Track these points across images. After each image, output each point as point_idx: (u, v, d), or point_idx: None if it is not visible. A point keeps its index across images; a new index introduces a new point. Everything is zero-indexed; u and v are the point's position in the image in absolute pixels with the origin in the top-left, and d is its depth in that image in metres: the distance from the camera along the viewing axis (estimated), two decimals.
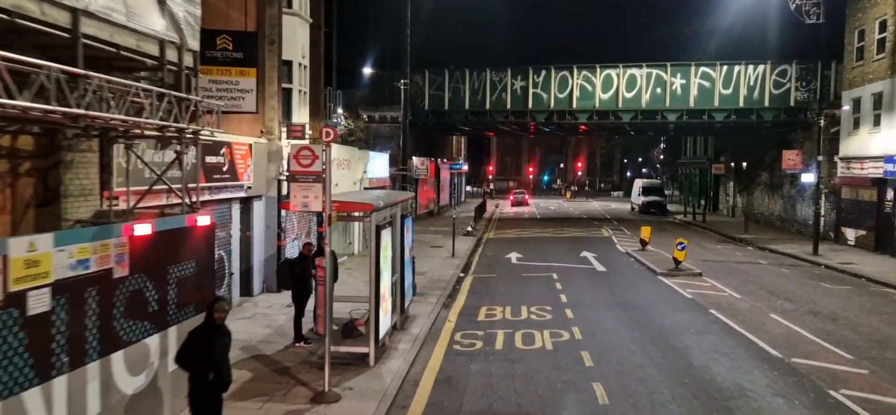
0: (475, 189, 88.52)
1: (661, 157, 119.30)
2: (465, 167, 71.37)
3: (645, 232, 29.06)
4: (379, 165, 30.99)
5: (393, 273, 14.25)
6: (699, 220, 47.50)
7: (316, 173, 10.78)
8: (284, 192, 18.90)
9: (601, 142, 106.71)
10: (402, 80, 17.90)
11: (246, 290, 17.74)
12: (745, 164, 48.76)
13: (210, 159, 14.60)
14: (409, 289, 16.25)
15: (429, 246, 30.78)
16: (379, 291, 12.34)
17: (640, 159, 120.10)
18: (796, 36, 37.30)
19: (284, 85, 19.84)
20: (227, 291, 16.29)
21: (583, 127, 49.39)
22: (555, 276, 23.04)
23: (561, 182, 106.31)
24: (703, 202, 59.20)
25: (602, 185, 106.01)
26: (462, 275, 23.48)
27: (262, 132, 18.35)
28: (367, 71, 42.30)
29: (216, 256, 15.55)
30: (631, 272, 24.02)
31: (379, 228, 12.28)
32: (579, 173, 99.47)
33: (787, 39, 37.80)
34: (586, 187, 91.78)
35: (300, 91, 20.68)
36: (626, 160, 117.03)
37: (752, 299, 19.03)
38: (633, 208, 60.68)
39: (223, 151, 15.23)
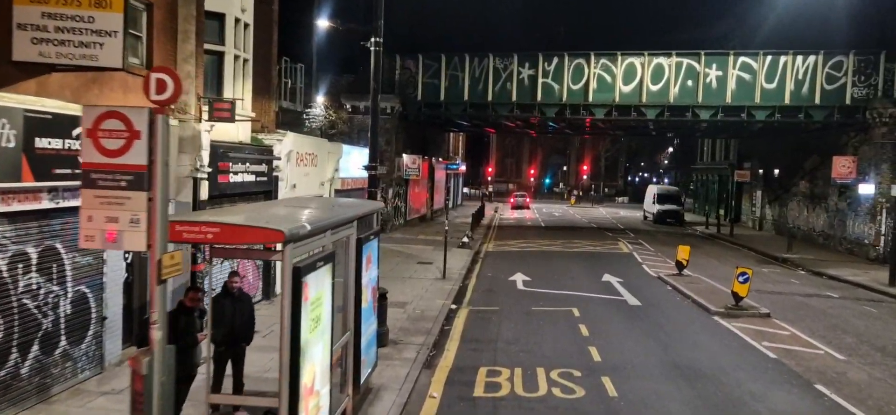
0: (473, 191, 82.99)
1: (666, 161, 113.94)
2: (463, 167, 65.81)
3: (683, 252, 23.55)
4: (357, 162, 25.53)
5: (340, 335, 8.79)
6: (725, 233, 41.98)
7: (133, 169, 5.21)
8: (204, 194, 13.39)
9: (606, 143, 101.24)
10: (373, 40, 12.35)
11: (139, 338, 12.17)
12: (776, 171, 43.27)
13: (45, 144, 9.07)
14: (371, 348, 10.72)
15: (415, 262, 25.29)
16: (297, 383, 6.84)
17: (642, 164, 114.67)
18: (854, 22, 31.88)
19: (211, 46, 14.32)
20: (95, 344, 10.73)
21: (590, 124, 43.94)
22: (576, 312, 17.53)
23: (564, 186, 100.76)
24: (721, 212, 53.71)
25: (606, 189, 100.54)
26: (454, 307, 17.97)
27: (170, 109, 12.82)
28: (345, 45, 36.65)
29: (72, 294, 10.02)
30: (674, 309, 18.49)
31: (300, 272, 6.76)
32: (585, 177, 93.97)
33: (844, 26, 32.27)
34: (592, 192, 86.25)
35: (238, 58, 15.14)
36: (628, 164, 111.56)
37: (864, 363, 13.52)
38: (645, 217, 55.17)
39: (78, 132, 9.68)
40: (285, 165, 17.70)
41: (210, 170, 13.38)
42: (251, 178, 15.60)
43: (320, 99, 36.07)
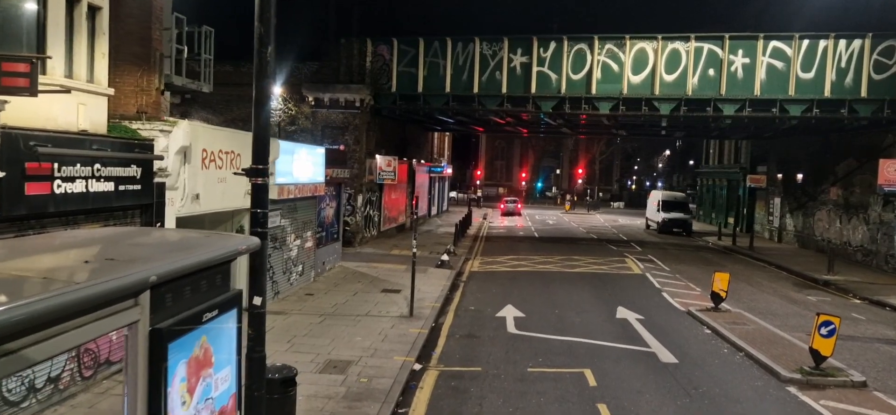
0: (461, 196, 77.81)
1: (661, 165, 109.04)
2: (449, 170, 60.58)
3: (720, 281, 18.32)
4: (306, 163, 20.24)
5: None
6: (741, 245, 36.93)
7: None
8: None
9: (601, 145, 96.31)
10: None
11: None
12: (799, 175, 38.28)
13: None
14: None
15: (380, 289, 20.05)
16: None
17: (636, 167, 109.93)
18: None
19: None
20: None
21: (594, 120, 38.95)
22: (590, 378, 12.35)
23: (556, 190, 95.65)
24: (730, 221, 48.72)
25: (600, 194, 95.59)
26: (418, 367, 12.75)
27: None
28: (308, 28, 31.59)
29: None
30: (727, 370, 13.28)
31: None
32: (580, 181, 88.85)
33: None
34: (588, 198, 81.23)
35: (78, 1, 9.85)
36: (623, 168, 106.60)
37: None
38: (648, 226, 50.15)
39: None
40: (178, 166, 12.40)
41: (2, 174, 8.11)
42: (106, 186, 10.31)
43: (278, 90, 30.91)
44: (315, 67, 32.66)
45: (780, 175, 41.23)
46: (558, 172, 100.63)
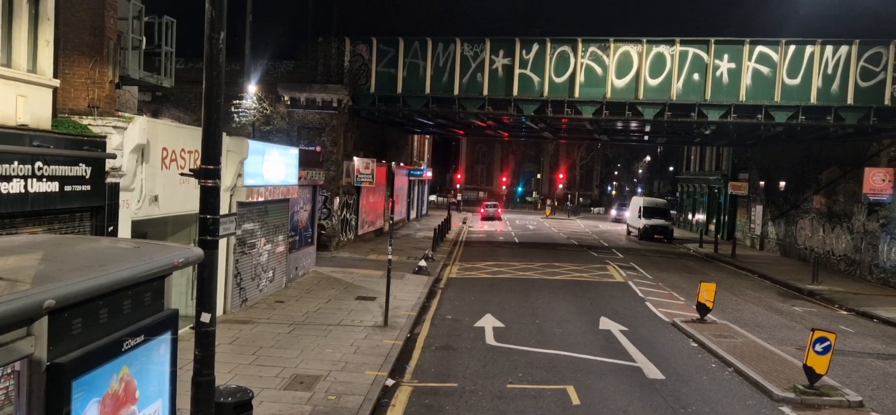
0: (441, 199, 77.02)
1: (640, 171, 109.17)
2: (429, 174, 59.77)
3: (706, 292, 17.73)
4: (278, 164, 19.35)
5: None
6: (723, 253, 36.53)
7: None
8: None
9: (582, 150, 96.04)
10: None
11: None
12: (782, 183, 38.00)
13: None
14: None
15: (354, 296, 19.22)
16: None
17: (616, 173, 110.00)
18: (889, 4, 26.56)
19: None
20: None
21: (576, 125, 38.41)
22: (572, 396, 11.64)
23: (537, 195, 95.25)
24: (711, 228, 48.50)
25: (581, 199, 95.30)
26: (391, 383, 11.96)
27: None
28: (283, 26, 30.78)
29: None
30: (716, 388, 12.63)
31: None
32: (560, 186, 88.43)
33: (883, 9, 26.87)
34: (569, 203, 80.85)
35: None
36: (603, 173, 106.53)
37: None
38: (629, 232, 49.75)
39: None
40: (134, 165, 11.52)
41: None
42: (50, 186, 9.43)
43: (252, 88, 29.92)
44: (292, 66, 31.78)
45: (762, 183, 40.97)
46: (539, 176, 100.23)
